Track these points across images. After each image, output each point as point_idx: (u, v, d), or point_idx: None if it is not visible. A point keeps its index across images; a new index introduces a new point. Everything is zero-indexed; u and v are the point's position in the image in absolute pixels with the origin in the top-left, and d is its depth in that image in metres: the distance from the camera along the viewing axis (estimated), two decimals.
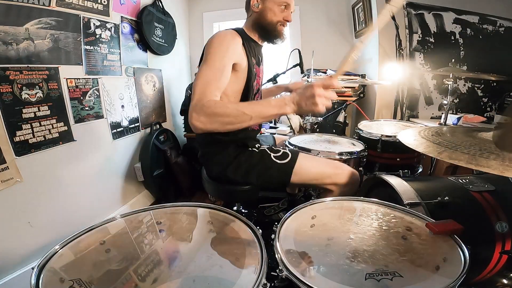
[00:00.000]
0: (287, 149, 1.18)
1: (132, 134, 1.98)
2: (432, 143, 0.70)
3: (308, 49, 2.06)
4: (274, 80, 1.80)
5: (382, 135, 1.42)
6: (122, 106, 1.87)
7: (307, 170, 1.12)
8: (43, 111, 1.33)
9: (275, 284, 0.55)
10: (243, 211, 1.49)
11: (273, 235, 0.64)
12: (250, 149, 1.16)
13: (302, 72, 1.88)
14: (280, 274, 0.54)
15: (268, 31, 1.13)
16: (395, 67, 1.97)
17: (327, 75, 0.90)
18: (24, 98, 1.24)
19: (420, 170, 1.53)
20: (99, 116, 1.67)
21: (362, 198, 0.85)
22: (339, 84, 0.81)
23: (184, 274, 0.55)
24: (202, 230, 0.74)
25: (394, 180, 0.93)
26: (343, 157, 1.25)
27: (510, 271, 0.78)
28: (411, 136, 0.79)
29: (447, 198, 0.80)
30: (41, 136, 1.32)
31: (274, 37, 1.15)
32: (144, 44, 2.03)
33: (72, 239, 0.64)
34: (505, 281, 0.78)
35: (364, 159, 1.33)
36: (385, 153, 1.43)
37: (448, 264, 0.56)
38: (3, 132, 1.17)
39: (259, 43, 1.19)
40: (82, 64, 1.54)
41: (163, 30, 2.18)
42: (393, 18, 1.88)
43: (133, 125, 1.99)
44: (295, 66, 1.87)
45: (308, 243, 0.64)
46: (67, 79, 1.44)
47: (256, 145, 1.19)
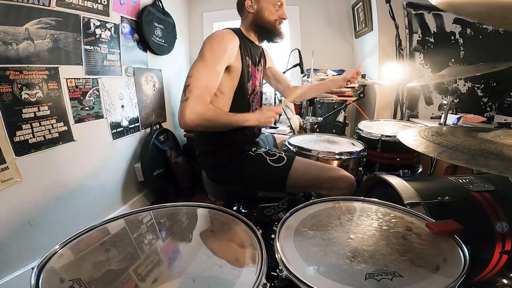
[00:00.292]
0: (283, 153, 1.18)
1: (132, 134, 1.98)
2: (432, 143, 0.70)
3: (308, 49, 2.07)
4: None
5: (382, 135, 1.42)
6: (122, 106, 1.87)
7: (302, 174, 1.11)
8: (43, 111, 1.33)
9: (275, 284, 0.55)
10: (243, 211, 1.49)
11: (273, 235, 0.64)
12: (247, 152, 1.16)
13: (302, 72, 1.88)
14: (280, 274, 0.54)
15: (268, 30, 1.14)
16: (395, 67, 1.97)
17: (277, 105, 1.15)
18: (24, 98, 1.24)
19: (420, 170, 1.53)
20: (99, 116, 1.67)
21: (362, 198, 0.84)
22: (281, 111, 1.10)
23: (184, 274, 0.55)
24: (202, 230, 0.74)
25: (394, 180, 0.92)
26: (343, 157, 1.25)
27: (510, 271, 0.78)
28: (411, 136, 0.79)
29: (447, 198, 0.80)
30: (41, 136, 1.32)
31: (274, 35, 1.15)
32: (144, 44, 2.03)
33: (72, 239, 0.64)
34: (505, 281, 0.78)
35: (364, 159, 1.33)
36: (385, 153, 1.43)
37: (448, 264, 0.56)
38: (3, 132, 1.17)
39: (256, 43, 1.19)
40: (82, 64, 1.54)
41: (163, 30, 2.18)
42: (393, 18, 1.88)
43: (133, 125, 1.99)
44: (295, 66, 1.87)
45: (308, 243, 0.64)
46: (67, 79, 1.44)
47: (253, 148, 1.18)
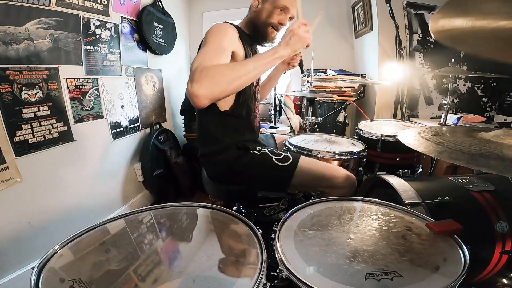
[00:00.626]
0: (288, 152, 1.18)
1: (132, 134, 1.98)
2: (432, 143, 0.70)
3: (308, 49, 2.06)
4: None
5: (382, 135, 1.42)
6: (122, 106, 1.87)
7: (307, 173, 1.12)
8: (43, 111, 1.33)
9: (275, 284, 0.55)
10: (243, 211, 1.49)
11: (273, 235, 0.64)
12: (252, 151, 1.16)
13: (302, 72, 1.87)
14: (280, 274, 0.54)
15: (257, 31, 1.15)
16: (395, 67, 1.97)
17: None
18: (24, 98, 1.24)
19: (420, 170, 1.53)
20: (99, 116, 1.67)
21: (362, 198, 0.84)
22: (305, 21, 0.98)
23: (184, 274, 0.55)
24: (202, 230, 0.74)
25: (394, 180, 0.92)
26: (343, 157, 1.25)
27: (510, 271, 0.78)
28: (411, 136, 0.79)
29: (447, 198, 0.80)
30: (41, 136, 1.32)
31: (261, 38, 1.16)
32: (144, 44, 2.03)
33: (72, 239, 0.64)
34: (505, 281, 0.78)
35: (364, 159, 1.33)
36: (385, 153, 1.43)
37: (448, 264, 0.56)
38: (3, 132, 1.17)
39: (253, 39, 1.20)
40: (82, 64, 1.54)
41: (163, 30, 2.18)
42: (393, 18, 1.88)
43: (133, 125, 1.99)
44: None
45: (308, 243, 0.64)
46: (67, 79, 1.44)
47: (257, 147, 1.19)
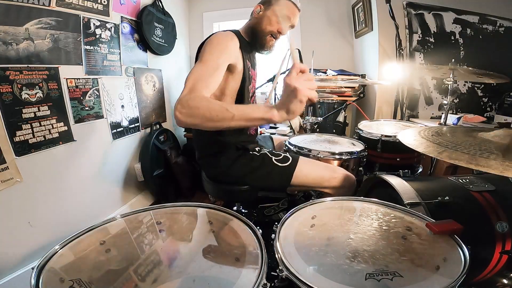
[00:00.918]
0: (287, 153, 1.19)
1: (132, 134, 1.98)
2: (432, 143, 0.70)
3: (308, 49, 2.07)
4: (273, 80, 1.80)
5: (382, 135, 1.42)
6: (122, 106, 1.87)
7: (307, 173, 1.12)
8: (43, 111, 1.33)
9: (275, 284, 0.55)
10: (243, 211, 1.49)
11: (273, 235, 0.64)
12: (251, 152, 1.16)
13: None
14: (280, 274, 0.54)
15: (256, 39, 1.14)
16: (395, 67, 1.97)
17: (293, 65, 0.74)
18: (24, 98, 1.24)
19: (420, 170, 1.53)
20: (99, 116, 1.67)
21: (362, 198, 0.85)
22: (306, 67, 0.71)
23: (184, 274, 0.55)
24: (202, 230, 0.74)
25: (394, 180, 0.92)
26: (343, 157, 1.25)
27: (510, 271, 0.78)
28: (411, 136, 0.79)
29: (447, 198, 0.80)
30: (41, 136, 1.32)
31: (260, 45, 1.15)
32: (144, 44, 2.03)
33: (72, 239, 0.64)
34: (505, 281, 0.78)
35: (364, 159, 1.33)
36: (385, 153, 1.43)
37: (448, 264, 0.56)
38: (3, 132, 1.17)
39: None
40: (82, 64, 1.54)
41: (163, 30, 2.18)
42: (393, 18, 1.88)
43: (133, 125, 1.99)
44: None
45: (308, 243, 0.64)
46: (67, 79, 1.44)
47: (257, 148, 1.19)
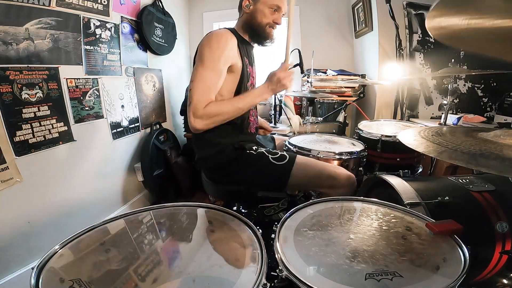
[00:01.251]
0: (285, 152, 1.18)
1: (132, 134, 1.98)
2: (432, 143, 0.70)
3: (308, 49, 2.07)
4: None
5: (382, 135, 1.42)
6: (122, 106, 1.87)
7: (305, 172, 1.12)
8: (43, 111, 1.33)
9: (275, 284, 0.55)
10: (243, 211, 1.49)
11: (273, 235, 0.64)
12: (248, 151, 1.16)
13: (302, 72, 1.88)
14: (280, 274, 0.54)
15: (257, 33, 1.15)
16: (395, 67, 1.97)
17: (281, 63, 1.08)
18: (24, 98, 1.24)
19: (420, 170, 1.53)
20: (99, 116, 1.67)
21: (362, 198, 0.84)
22: (291, 64, 1.04)
23: (184, 274, 0.55)
24: (202, 230, 0.74)
25: (394, 180, 0.92)
26: (343, 157, 1.25)
27: (510, 271, 0.78)
28: (411, 136, 0.79)
29: (447, 198, 0.80)
30: (41, 136, 1.32)
31: (263, 39, 1.16)
32: (144, 44, 2.03)
33: (72, 239, 0.64)
34: (505, 281, 0.78)
35: (364, 159, 1.33)
36: (385, 153, 1.43)
37: (448, 264, 0.56)
38: (3, 132, 1.17)
39: (250, 43, 1.20)
40: (82, 64, 1.54)
41: (163, 30, 2.18)
42: (393, 18, 1.88)
43: (133, 125, 1.99)
44: (295, 66, 1.87)
45: (308, 243, 0.64)
46: (67, 79, 1.44)
47: (254, 147, 1.18)
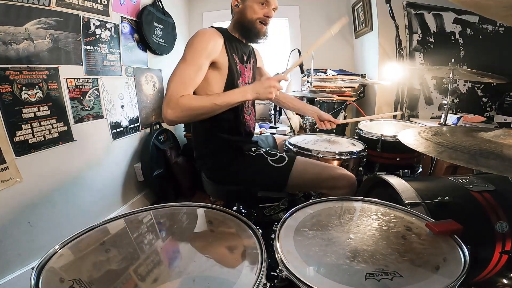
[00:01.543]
0: (284, 153, 1.18)
1: (132, 134, 1.98)
2: (432, 143, 0.70)
3: (308, 49, 2.06)
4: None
5: (382, 135, 1.42)
6: (122, 106, 1.87)
7: (304, 174, 1.11)
8: (43, 111, 1.32)
9: (275, 284, 0.55)
10: (243, 211, 1.49)
11: (273, 235, 0.64)
12: (247, 152, 1.16)
13: (302, 72, 1.88)
14: (280, 274, 0.54)
15: (248, 29, 1.14)
16: (395, 67, 1.97)
17: (280, 73, 1.07)
18: (24, 98, 1.24)
19: (420, 170, 1.53)
20: (99, 116, 1.67)
21: (362, 198, 0.84)
22: (288, 78, 0.89)
23: (184, 274, 0.55)
24: (202, 230, 0.74)
25: (394, 180, 0.92)
26: (343, 157, 1.25)
27: (510, 271, 0.78)
28: (411, 136, 0.79)
29: (447, 198, 0.80)
30: (41, 136, 1.32)
31: (254, 35, 1.15)
32: (144, 44, 2.03)
33: (72, 239, 0.64)
34: (505, 281, 0.78)
35: (364, 159, 1.33)
36: (385, 153, 1.43)
37: (448, 264, 0.56)
38: (3, 132, 1.16)
39: (244, 42, 1.19)
40: (82, 64, 1.53)
41: (163, 30, 2.18)
42: (393, 18, 1.88)
43: (133, 125, 1.99)
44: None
45: (308, 243, 0.64)
46: (67, 79, 1.44)
47: (253, 148, 1.18)
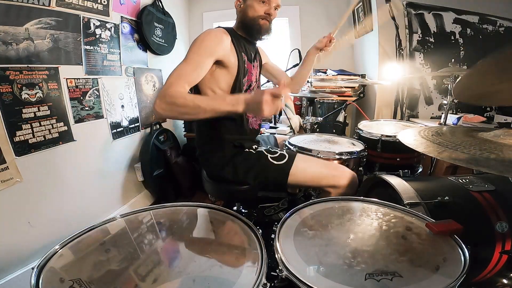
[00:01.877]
0: (284, 150, 1.18)
1: (132, 134, 1.98)
2: (432, 143, 0.70)
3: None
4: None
5: (382, 135, 1.42)
6: (122, 106, 1.87)
7: (304, 171, 1.12)
8: (43, 111, 1.32)
9: (275, 284, 0.55)
10: (243, 211, 1.49)
11: (273, 235, 0.64)
12: (247, 150, 1.16)
13: None
14: (280, 274, 0.54)
15: (250, 27, 1.14)
16: (395, 67, 1.97)
17: (280, 85, 0.87)
18: (24, 98, 1.24)
19: (420, 170, 1.53)
20: (99, 116, 1.67)
21: (362, 198, 0.85)
22: (287, 93, 0.83)
23: (184, 274, 0.55)
24: (202, 230, 0.74)
25: (394, 180, 0.92)
26: (343, 157, 1.25)
27: (510, 271, 0.78)
28: (411, 136, 0.79)
29: (447, 198, 0.80)
30: (41, 136, 1.32)
31: (257, 32, 1.15)
32: (144, 44, 2.03)
33: (72, 239, 0.64)
34: (505, 281, 0.78)
35: (364, 159, 1.33)
36: (385, 153, 1.43)
37: (448, 264, 0.56)
38: (3, 132, 1.16)
39: (250, 40, 1.20)
40: (82, 64, 1.53)
41: (163, 30, 2.18)
42: (393, 18, 1.88)
43: (133, 125, 1.99)
44: (295, 66, 1.87)
45: (308, 243, 0.64)
46: (67, 79, 1.44)
47: (253, 146, 1.18)
